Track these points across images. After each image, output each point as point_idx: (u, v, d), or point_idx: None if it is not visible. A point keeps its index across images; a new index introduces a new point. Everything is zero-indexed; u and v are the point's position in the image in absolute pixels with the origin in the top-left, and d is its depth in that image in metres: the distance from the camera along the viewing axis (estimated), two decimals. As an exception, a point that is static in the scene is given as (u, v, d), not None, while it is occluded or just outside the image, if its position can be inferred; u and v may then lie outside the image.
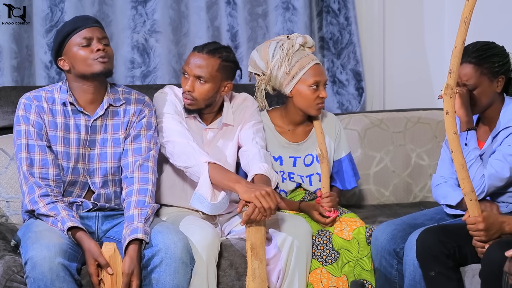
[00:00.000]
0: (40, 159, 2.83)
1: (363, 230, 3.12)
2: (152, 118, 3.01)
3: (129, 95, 3.00)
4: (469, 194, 2.65)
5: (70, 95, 2.90)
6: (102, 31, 2.91)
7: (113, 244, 2.71)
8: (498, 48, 2.95)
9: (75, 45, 2.86)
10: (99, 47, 2.85)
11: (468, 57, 2.92)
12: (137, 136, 2.96)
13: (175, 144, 2.99)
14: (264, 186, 2.86)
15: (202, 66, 3.04)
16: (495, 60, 2.92)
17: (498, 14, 4.02)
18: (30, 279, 2.60)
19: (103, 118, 2.93)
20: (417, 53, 4.36)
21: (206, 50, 3.06)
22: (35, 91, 2.94)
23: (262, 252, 2.85)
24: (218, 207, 2.94)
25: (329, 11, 4.13)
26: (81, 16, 3.04)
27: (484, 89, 2.92)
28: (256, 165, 2.98)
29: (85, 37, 2.85)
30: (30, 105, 2.87)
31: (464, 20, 2.55)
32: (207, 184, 2.89)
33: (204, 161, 2.92)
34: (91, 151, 2.92)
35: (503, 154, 2.89)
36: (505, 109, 2.97)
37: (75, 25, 2.88)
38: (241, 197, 2.84)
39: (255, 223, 2.83)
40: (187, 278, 2.77)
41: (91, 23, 2.90)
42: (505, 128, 2.93)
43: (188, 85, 3.05)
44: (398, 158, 3.85)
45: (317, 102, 3.23)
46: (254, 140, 3.11)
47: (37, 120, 2.86)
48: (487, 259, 2.59)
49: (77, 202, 2.90)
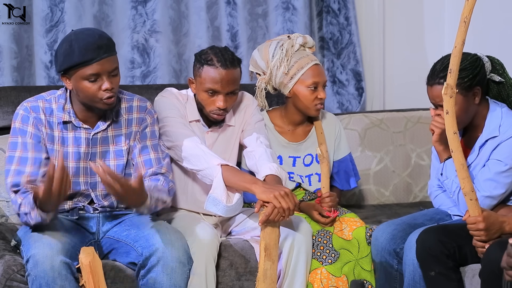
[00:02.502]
0: (31, 172, 2.76)
1: (363, 230, 3.12)
2: (154, 125, 2.96)
3: (131, 102, 2.95)
4: (469, 194, 2.65)
5: (68, 111, 2.82)
6: (113, 60, 2.76)
7: (91, 249, 2.66)
8: (466, 61, 2.87)
9: (83, 78, 2.72)
10: (107, 87, 2.72)
11: (436, 77, 2.89)
12: (144, 148, 2.92)
13: (183, 147, 2.96)
14: (281, 186, 2.85)
15: (235, 81, 3.02)
16: (464, 75, 2.85)
17: (498, 14, 4.02)
18: (31, 277, 2.59)
19: (104, 131, 2.88)
20: (417, 53, 4.36)
21: (229, 63, 2.99)
22: (33, 100, 2.85)
23: (275, 253, 2.84)
24: (234, 209, 2.91)
25: (329, 11, 4.13)
26: (92, 42, 2.73)
27: (461, 106, 2.87)
28: (265, 165, 2.97)
29: (94, 73, 2.71)
30: (28, 116, 2.81)
31: (464, 20, 2.55)
32: (221, 187, 2.86)
33: (217, 163, 2.89)
34: (91, 164, 2.87)
35: (494, 173, 2.89)
36: (491, 116, 2.94)
37: (86, 57, 2.70)
38: (259, 197, 2.82)
39: (271, 223, 2.82)
40: (185, 278, 2.76)
41: (103, 53, 2.72)
42: (492, 137, 2.92)
43: (223, 102, 3.00)
44: (398, 158, 3.85)
45: (315, 103, 3.22)
46: (259, 139, 3.11)
47: (35, 132, 2.80)
48: (487, 259, 2.59)
49: (79, 206, 2.89)
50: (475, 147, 2.96)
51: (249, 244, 3.04)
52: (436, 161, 3.11)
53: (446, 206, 3.10)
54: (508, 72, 3.00)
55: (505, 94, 3.00)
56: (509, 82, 2.99)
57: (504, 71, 2.99)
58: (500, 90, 3.00)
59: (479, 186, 2.90)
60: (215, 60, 2.99)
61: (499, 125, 2.91)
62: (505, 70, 2.99)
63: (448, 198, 3.08)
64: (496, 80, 2.98)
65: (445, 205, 3.11)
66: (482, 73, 2.92)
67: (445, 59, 2.91)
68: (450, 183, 2.97)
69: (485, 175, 2.91)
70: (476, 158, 2.95)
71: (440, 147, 2.98)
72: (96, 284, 2.63)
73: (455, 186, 2.95)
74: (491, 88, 3.01)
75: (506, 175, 2.89)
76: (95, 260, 2.63)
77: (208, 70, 2.99)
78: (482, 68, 2.92)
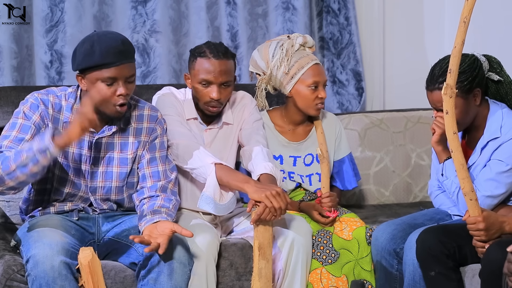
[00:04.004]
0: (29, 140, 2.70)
1: (363, 230, 3.12)
2: (164, 136, 2.95)
3: (142, 111, 2.92)
4: (469, 194, 2.65)
5: (76, 111, 2.77)
6: (131, 66, 2.75)
7: (90, 249, 2.65)
8: (464, 64, 2.86)
9: (99, 80, 2.71)
10: (122, 92, 2.71)
11: (435, 83, 2.88)
12: (152, 159, 2.91)
13: (179, 146, 2.98)
14: (274, 186, 2.85)
15: (227, 72, 3.03)
16: (463, 79, 2.85)
17: (498, 14, 4.02)
18: (31, 277, 2.58)
19: (109, 137, 2.86)
20: (417, 53, 4.36)
21: (221, 54, 3.02)
22: (44, 93, 2.83)
23: (269, 252, 2.84)
24: (226, 208, 2.93)
25: (329, 11, 4.13)
26: (114, 46, 2.72)
27: (462, 108, 2.87)
28: (261, 164, 2.97)
29: (111, 77, 2.70)
30: (38, 105, 2.78)
31: (464, 20, 2.54)
32: (214, 185, 2.88)
33: (210, 162, 2.90)
34: (94, 168, 2.85)
35: (495, 173, 2.89)
36: (492, 117, 2.94)
37: (106, 59, 2.69)
38: (250, 197, 2.83)
39: (264, 222, 2.83)
40: (185, 278, 2.76)
41: (123, 58, 2.72)
42: (493, 138, 2.92)
43: (217, 92, 3.01)
44: (398, 158, 3.85)
45: (316, 103, 3.23)
46: (256, 138, 3.11)
47: (39, 122, 2.77)
48: (487, 259, 2.59)
49: (78, 207, 2.89)
50: (476, 148, 2.96)
51: (249, 244, 3.04)
52: (436, 161, 3.10)
53: (446, 206, 3.10)
54: (506, 70, 3.00)
55: (503, 92, 3.00)
56: (507, 80, 2.99)
57: (502, 69, 2.99)
58: (499, 88, 3.00)
59: (480, 186, 2.90)
60: (208, 52, 3.03)
61: (500, 126, 2.91)
62: (502, 68, 2.99)
63: (448, 198, 3.08)
64: (495, 79, 2.98)
65: (445, 205, 3.11)
66: (481, 74, 2.92)
67: (443, 63, 2.91)
68: (450, 183, 2.97)
69: (486, 175, 2.91)
70: (477, 158, 2.95)
71: (439, 147, 2.98)
72: (95, 284, 2.62)
73: (454, 186, 2.95)
74: (489, 86, 3.01)
75: (507, 175, 2.89)
76: (94, 260, 2.63)
77: (201, 61, 3.03)
78: (480, 69, 2.91)
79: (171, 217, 2.77)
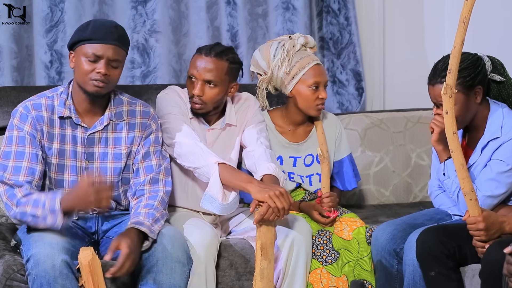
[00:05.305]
0: (28, 167, 2.75)
1: (363, 230, 3.12)
2: (158, 132, 2.96)
3: (133, 107, 2.94)
4: (469, 194, 2.65)
5: (69, 106, 2.82)
6: (118, 51, 2.77)
7: (90, 249, 2.65)
8: (467, 61, 2.88)
9: (83, 55, 2.75)
10: (101, 71, 2.73)
11: (438, 77, 2.89)
12: (147, 154, 2.91)
13: (182, 145, 2.97)
14: (277, 186, 2.85)
15: (212, 70, 3.02)
16: (465, 75, 2.86)
17: (498, 14, 4.02)
18: (32, 276, 2.59)
19: (102, 131, 2.86)
20: (417, 53, 4.36)
21: (213, 53, 3.03)
22: (35, 98, 2.85)
23: (271, 252, 2.84)
24: (229, 207, 2.92)
25: (329, 11, 4.13)
26: (107, 26, 2.80)
27: (462, 105, 2.87)
28: (264, 165, 2.97)
29: (95, 53, 2.73)
30: (27, 115, 2.79)
31: (463, 20, 2.55)
32: (217, 185, 2.87)
33: (214, 161, 2.90)
34: (89, 164, 2.86)
35: (496, 173, 2.89)
36: (492, 117, 2.95)
37: (94, 35, 2.75)
38: (254, 197, 2.83)
39: (267, 223, 2.83)
40: (184, 278, 2.75)
41: (112, 39, 2.75)
42: (494, 138, 2.92)
43: (198, 89, 3.02)
44: (398, 158, 3.85)
45: (317, 103, 3.23)
46: (259, 140, 3.11)
47: (31, 131, 2.78)
48: (487, 259, 2.59)
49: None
50: (477, 148, 2.96)
51: (249, 244, 3.04)
52: (437, 161, 3.11)
53: (446, 206, 3.10)
54: (508, 72, 3.00)
55: (505, 94, 3.00)
56: (509, 81, 2.99)
57: (505, 71, 3.00)
58: (501, 90, 3.01)
59: (481, 186, 2.90)
60: (203, 50, 3.06)
61: (501, 126, 2.92)
62: (505, 70, 3.00)
63: (448, 198, 3.08)
64: (497, 80, 2.98)
65: (445, 205, 3.11)
66: (484, 72, 2.92)
67: (446, 59, 2.91)
68: (450, 183, 2.97)
69: (487, 175, 2.91)
70: (478, 158, 2.95)
71: (439, 147, 2.99)
72: (95, 284, 2.62)
73: (455, 186, 2.95)
74: (491, 88, 3.01)
75: (507, 175, 2.90)
76: (94, 260, 2.63)
77: (194, 57, 3.07)
78: (483, 67, 2.92)
79: (149, 218, 2.77)
